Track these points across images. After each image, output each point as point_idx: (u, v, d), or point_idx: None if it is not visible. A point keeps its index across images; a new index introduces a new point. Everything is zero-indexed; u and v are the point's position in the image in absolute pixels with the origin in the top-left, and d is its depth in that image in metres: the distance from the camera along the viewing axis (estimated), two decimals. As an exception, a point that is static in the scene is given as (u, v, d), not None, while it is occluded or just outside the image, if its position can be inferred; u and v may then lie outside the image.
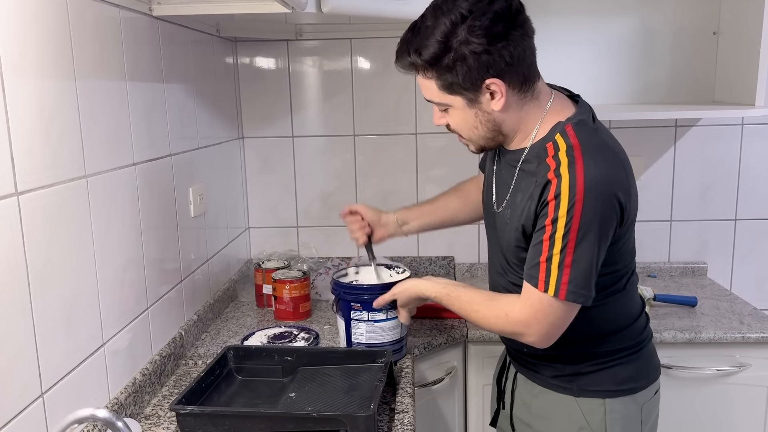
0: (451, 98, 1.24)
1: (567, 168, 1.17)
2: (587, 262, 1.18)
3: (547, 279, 1.19)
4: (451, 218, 1.66)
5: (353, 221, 1.64)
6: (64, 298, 1.12)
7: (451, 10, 1.16)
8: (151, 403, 1.42)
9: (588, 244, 1.16)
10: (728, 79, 2.14)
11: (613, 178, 1.18)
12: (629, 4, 2.21)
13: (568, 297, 1.19)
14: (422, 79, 1.25)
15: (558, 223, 1.16)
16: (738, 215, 2.33)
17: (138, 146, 1.42)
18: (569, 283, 1.18)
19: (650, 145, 2.29)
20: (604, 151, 1.21)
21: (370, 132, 2.32)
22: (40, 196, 1.05)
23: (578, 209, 1.15)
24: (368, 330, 1.54)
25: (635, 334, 1.36)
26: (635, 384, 1.34)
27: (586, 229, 1.16)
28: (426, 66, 1.21)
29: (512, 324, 1.27)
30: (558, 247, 1.17)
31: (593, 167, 1.16)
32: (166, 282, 1.58)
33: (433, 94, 1.25)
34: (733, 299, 2.09)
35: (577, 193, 1.14)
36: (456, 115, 1.27)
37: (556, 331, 1.24)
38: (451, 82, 1.20)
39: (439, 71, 1.20)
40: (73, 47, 1.15)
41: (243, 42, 2.25)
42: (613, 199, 1.17)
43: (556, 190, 1.17)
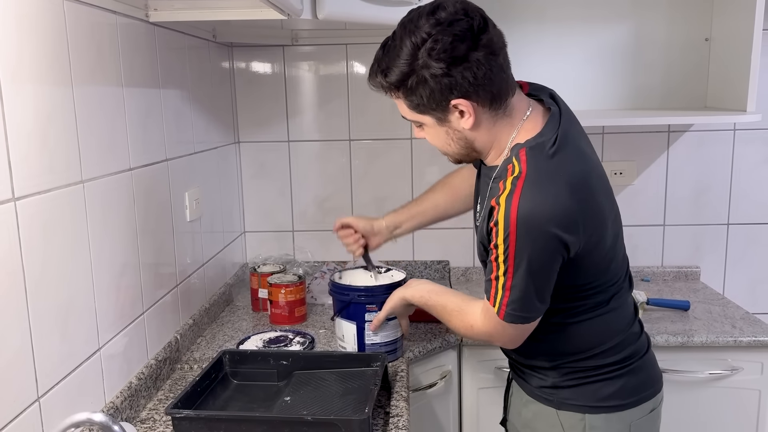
0: (421, 117, 1.25)
1: (505, 198, 1.16)
2: (526, 288, 1.19)
3: (495, 296, 1.23)
4: (442, 215, 1.66)
5: (347, 235, 1.64)
6: (60, 303, 1.12)
7: (414, 31, 1.15)
8: (146, 408, 1.42)
9: (524, 273, 1.18)
10: (720, 86, 2.16)
11: (549, 213, 1.15)
12: (623, 11, 2.23)
13: (506, 318, 1.23)
14: (393, 98, 1.27)
15: (498, 249, 1.18)
16: (730, 220, 2.35)
17: (134, 151, 1.43)
18: (508, 305, 1.21)
19: (643, 151, 2.31)
20: (548, 183, 1.17)
21: (365, 137, 2.33)
22: (37, 202, 1.05)
23: (512, 241, 1.16)
24: (382, 329, 1.57)
25: (619, 352, 1.31)
26: (621, 401, 1.31)
27: (520, 260, 1.17)
28: (392, 87, 1.22)
29: (479, 335, 1.34)
30: (501, 270, 1.20)
31: (529, 201, 1.15)
32: (161, 286, 1.58)
33: (405, 112, 1.27)
34: (726, 303, 2.10)
35: (509, 225, 1.15)
36: (429, 132, 1.29)
37: (516, 339, 1.29)
38: (418, 103, 1.21)
39: (405, 92, 1.21)
40: (70, 53, 1.16)
41: (239, 47, 2.26)
42: (547, 234, 1.15)
43: (495, 218, 1.18)
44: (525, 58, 2.22)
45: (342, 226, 1.65)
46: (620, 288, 1.33)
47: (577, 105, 1.40)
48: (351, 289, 1.58)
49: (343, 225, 1.65)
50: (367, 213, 2.32)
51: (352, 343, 1.59)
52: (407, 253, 2.38)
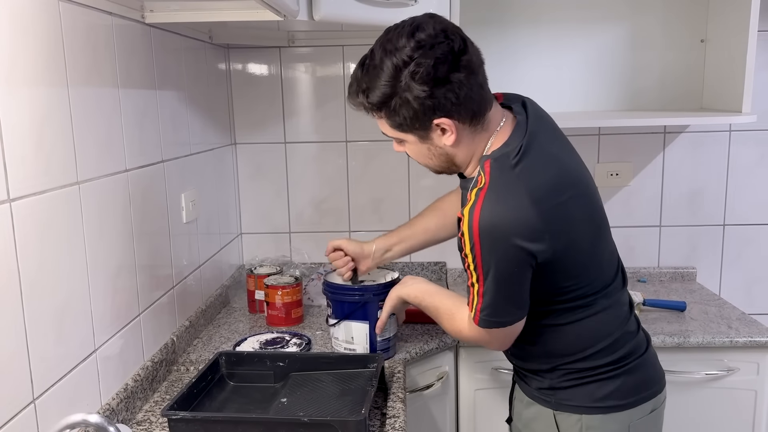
0: (402, 135, 1.27)
1: (469, 209, 1.19)
2: (496, 295, 1.22)
3: (472, 302, 1.27)
4: (433, 238, 1.67)
5: (337, 257, 1.65)
6: (56, 304, 1.12)
7: (394, 52, 1.16)
8: (143, 409, 1.42)
9: (492, 281, 1.21)
10: (716, 86, 2.17)
11: (509, 224, 1.16)
12: (618, 12, 2.23)
13: (481, 324, 1.27)
14: (374, 117, 1.28)
15: (468, 258, 1.22)
16: (726, 221, 2.36)
17: (130, 152, 1.43)
18: (482, 311, 1.25)
19: (639, 152, 2.32)
20: (507, 194, 1.18)
21: (362, 138, 2.33)
22: (32, 203, 1.05)
23: (477, 251, 1.19)
24: (390, 323, 1.62)
25: (614, 351, 1.31)
26: (618, 402, 1.30)
27: (488, 268, 1.20)
28: (374, 108, 1.24)
29: (467, 340, 1.39)
30: (474, 277, 1.24)
31: (489, 212, 1.17)
32: (158, 288, 1.58)
33: (387, 130, 1.29)
34: (722, 304, 2.11)
35: (473, 236, 1.18)
36: (410, 148, 1.31)
37: (502, 342, 1.32)
38: (400, 122, 1.23)
39: (387, 113, 1.23)
40: (65, 54, 1.16)
41: (235, 49, 2.26)
42: (509, 245, 1.17)
43: (462, 228, 1.21)
44: (521, 61, 2.23)
45: (334, 249, 1.66)
46: (610, 287, 1.32)
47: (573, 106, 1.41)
48: (368, 289, 1.60)
49: (335, 248, 1.65)
50: (364, 214, 2.34)
51: (363, 344, 1.61)
52: (404, 254, 2.38)
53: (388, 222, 2.34)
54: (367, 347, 1.61)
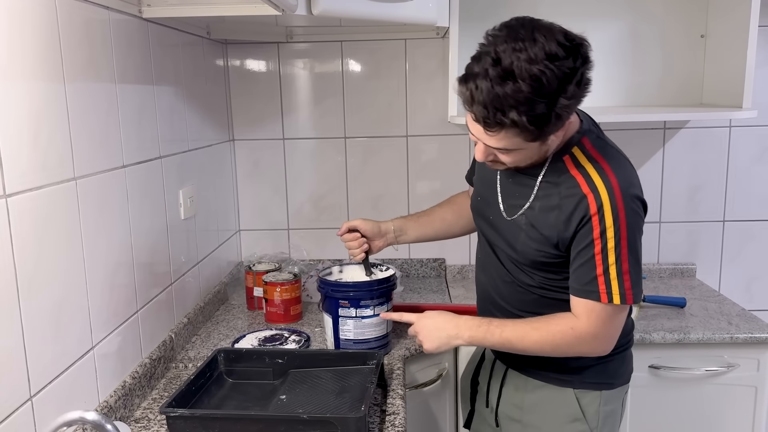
0: (526, 144, 1.17)
1: (601, 180, 1.21)
2: (638, 263, 1.24)
3: (609, 290, 1.23)
4: (447, 229, 1.69)
5: (352, 239, 1.64)
6: (53, 301, 1.11)
7: (550, 65, 1.08)
8: (141, 407, 1.41)
9: (636, 246, 1.23)
10: (716, 82, 2.16)
11: (636, 181, 1.26)
12: (618, 8, 2.22)
13: (635, 300, 1.25)
14: (508, 133, 1.14)
15: (607, 235, 1.21)
16: (726, 217, 2.35)
17: (127, 148, 1.42)
18: (632, 287, 1.24)
19: (639, 147, 2.31)
20: (620, 158, 1.28)
21: (361, 134, 2.32)
22: (28, 199, 1.04)
23: (623, 217, 1.20)
24: (356, 326, 1.57)
25: (629, 330, 1.42)
26: (622, 378, 1.42)
27: (633, 233, 1.22)
28: (528, 127, 1.10)
29: (578, 338, 1.28)
30: (612, 258, 1.22)
31: (622, 175, 1.23)
32: (156, 285, 1.57)
33: (512, 143, 1.17)
34: (722, 300, 2.11)
35: (617, 202, 1.20)
36: (521, 154, 1.21)
37: (618, 333, 1.31)
38: (546, 133, 1.15)
39: (537, 130, 1.12)
40: (62, 49, 1.15)
41: (233, 44, 2.25)
42: (639, 201, 1.24)
43: (596, 203, 1.20)
44: (521, 55, 2.22)
45: (348, 230, 1.64)
46: None
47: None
48: (327, 284, 1.60)
49: (349, 229, 1.64)
50: (363, 211, 2.33)
51: (330, 337, 1.61)
52: (403, 250, 2.37)
53: (386, 218, 2.33)
54: (333, 342, 1.60)
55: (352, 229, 1.64)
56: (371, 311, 1.56)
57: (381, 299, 1.58)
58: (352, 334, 1.57)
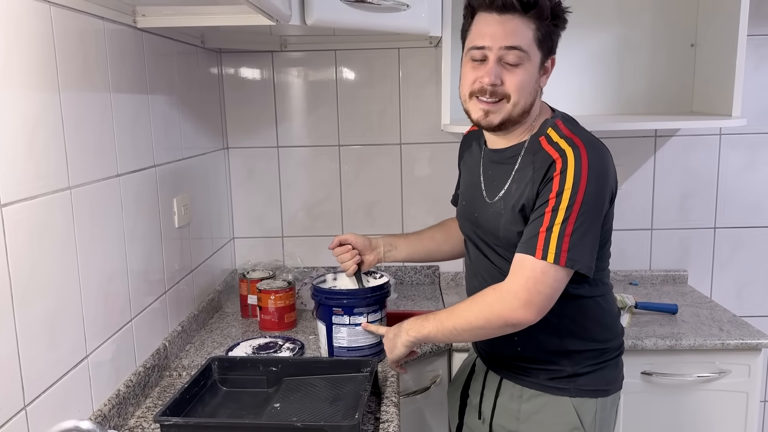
0: (535, 52, 1.30)
1: (571, 149, 1.26)
2: (588, 233, 1.25)
3: (545, 247, 1.23)
4: (437, 249, 1.71)
5: (343, 251, 1.64)
6: (48, 310, 1.11)
7: None
8: (135, 415, 1.41)
9: (589, 216, 1.24)
10: (706, 90, 2.18)
11: (608, 162, 1.29)
12: (609, 17, 2.24)
13: (568, 263, 1.23)
14: (525, 22, 1.28)
15: (563, 195, 1.23)
16: (717, 224, 2.37)
17: (122, 157, 1.42)
18: (569, 250, 1.23)
19: (631, 155, 2.33)
20: (594, 140, 1.32)
21: (354, 142, 2.33)
22: (23, 208, 1.04)
23: (583, 183, 1.22)
24: (349, 334, 1.57)
25: (619, 335, 1.45)
26: (616, 384, 1.44)
27: (590, 203, 1.23)
28: (544, 14, 1.28)
29: (500, 296, 1.27)
30: (560, 217, 1.23)
31: (593, 151, 1.27)
32: (150, 293, 1.58)
33: (525, 40, 1.29)
34: (713, 306, 2.12)
35: (583, 169, 1.23)
36: (526, 71, 1.30)
37: (545, 302, 1.25)
38: (547, 39, 1.30)
39: (547, 25, 1.29)
40: (57, 59, 1.15)
41: (228, 53, 2.26)
42: (608, 185, 1.28)
43: (562, 166, 1.24)
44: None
45: (339, 244, 1.65)
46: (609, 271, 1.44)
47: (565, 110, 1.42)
48: (321, 291, 1.60)
49: (341, 242, 1.65)
50: (357, 218, 2.34)
51: (324, 344, 1.62)
52: (397, 258, 2.38)
53: (380, 226, 2.35)
54: (326, 349, 1.61)
55: (344, 243, 1.65)
56: (365, 319, 1.57)
57: (374, 307, 1.58)
58: (345, 341, 1.58)
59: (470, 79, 1.33)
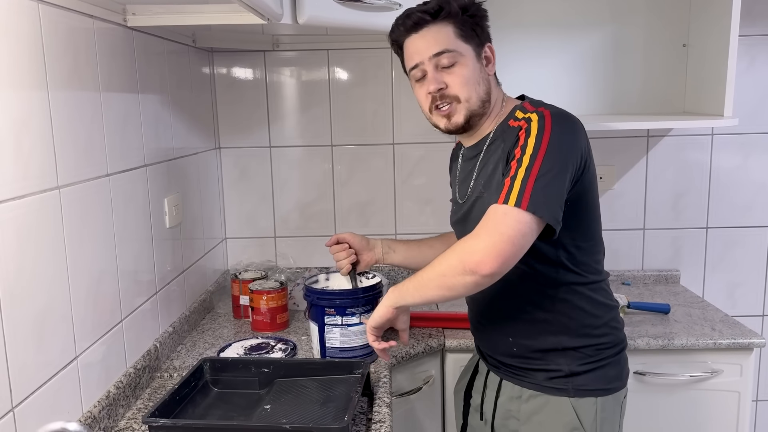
0: (464, 46, 1.34)
1: (536, 115, 1.29)
2: (554, 183, 1.21)
3: (508, 193, 1.20)
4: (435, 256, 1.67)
5: (339, 250, 1.65)
6: (36, 311, 1.10)
7: None
8: (125, 417, 1.40)
9: (553, 165, 1.22)
10: (698, 91, 2.19)
11: (575, 123, 1.30)
12: (601, 17, 2.25)
13: (530, 208, 1.18)
14: (440, 25, 1.33)
15: (526, 147, 1.24)
16: (709, 223, 2.37)
17: (112, 157, 1.41)
18: (532, 196, 1.18)
19: (623, 155, 2.33)
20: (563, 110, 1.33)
21: (348, 142, 2.32)
22: (10, 208, 1.03)
23: (547, 133, 1.24)
24: (342, 334, 1.57)
25: (619, 330, 1.44)
26: (619, 383, 1.42)
27: (553, 151, 1.23)
28: (455, 12, 1.32)
29: (462, 243, 1.23)
30: (524, 166, 1.22)
31: (558, 113, 1.30)
32: (140, 294, 1.57)
33: (448, 40, 1.33)
34: (705, 306, 2.12)
35: (546, 123, 1.25)
36: (464, 67, 1.34)
37: (507, 246, 1.17)
38: (471, 31, 1.34)
39: (464, 19, 1.33)
40: (45, 57, 1.14)
41: (219, 52, 2.25)
42: (574, 136, 1.28)
43: (527, 125, 1.27)
44: (505, 65, 2.22)
45: (337, 242, 1.65)
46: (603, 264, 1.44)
47: (557, 110, 1.44)
48: (313, 292, 1.60)
49: (339, 240, 1.65)
50: (350, 218, 2.34)
51: (316, 345, 1.61)
52: (390, 258, 2.37)
53: (374, 226, 2.34)
54: (318, 350, 1.60)
55: (341, 241, 1.64)
56: (357, 319, 1.56)
57: (367, 307, 1.58)
58: (338, 342, 1.57)
59: (422, 96, 1.39)
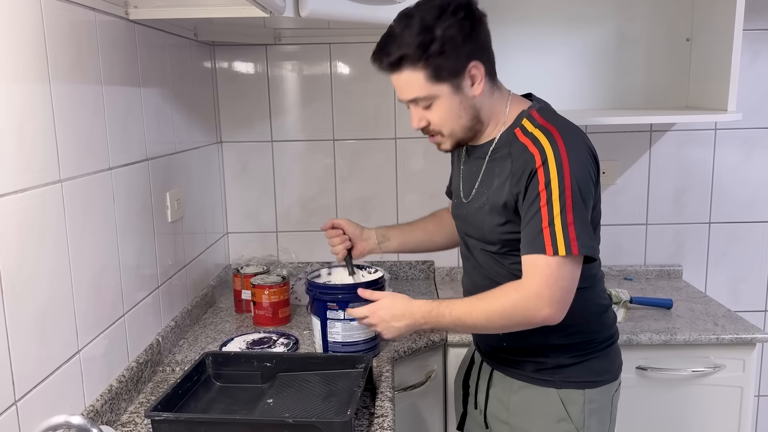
0: (437, 88, 1.28)
1: (546, 138, 1.25)
2: (586, 215, 1.24)
3: (554, 242, 1.22)
4: (429, 239, 1.70)
5: (334, 235, 1.64)
6: (39, 305, 1.10)
7: (424, 8, 1.25)
8: (127, 411, 1.40)
9: (582, 200, 1.23)
10: (701, 85, 2.18)
11: (584, 142, 1.29)
12: (605, 11, 2.24)
13: (581, 250, 1.22)
14: (408, 74, 1.28)
15: (551, 186, 1.22)
16: (712, 218, 2.37)
17: (114, 150, 1.41)
18: (578, 238, 1.22)
19: (626, 150, 2.32)
20: (569, 124, 1.32)
21: (349, 137, 2.32)
22: (13, 201, 1.03)
23: (566, 168, 1.22)
24: (344, 329, 1.57)
25: (609, 326, 1.44)
26: (609, 375, 1.42)
27: (578, 185, 1.23)
28: (416, 56, 1.25)
29: (523, 298, 1.25)
30: (557, 209, 1.22)
31: (567, 133, 1.27)
32: (142, 288, 1.56)
33: (419, 88, 1.28)
34: (708, 301, 2.12)
35: (561, 155, 1.23)
36: (441, 106, 1.31)
37: (568, 296, 1.25)
38: (441, 66, 1.25)
39: (428, 59, 1.25)
40: (47, 50, 1.14)
41: (221, 46, 2.24)
42: (590, 159, 1.28)
43: (541, 158, 1.24)
44: (508, 59, 2.22)
45: (332, 227, 1.65)
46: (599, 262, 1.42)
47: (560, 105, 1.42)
48: (315, 286, 1.60)
49: (333, 225, 1.65)
50: (352, 213, 2.33)
51: (318, 339, 1.61)
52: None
53: (375, 220, 2.33)
54: (321, 344, 1.60)
55: (336, 227, 1.64)
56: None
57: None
58: (340, 336, 1.57)
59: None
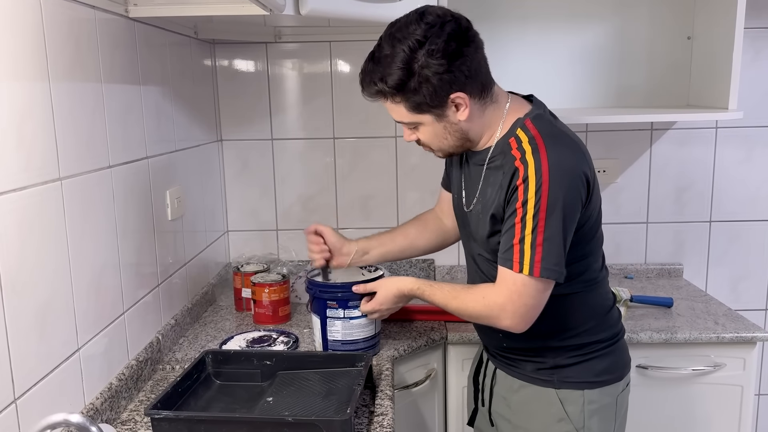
0: (419, 117, 1.31)
1: (531, 154, 1.24)
2: (557, 239, 1.24)
3: (521, 260, 1.24)
4: (411, 245, 1.68)
5: (314, 242, 1.63)
6: (38, 303, 1.10)
7: (406, 37, 1.23)
8: (127, 409, 1.40)
9: (556, 221, 1.23)
10: (702, 84, 2.17)
11: (574, 159, 1.27)
12: (606, 10, 2.23)
13: (543, 274, 1.24)
14: (390, 103, 1.31)
15: (528, 205, 1.23)
16: (713, 217, 2.37)
17: (114, 149, 1.41)
18: (542, 260, 1.24)
19: (626, 149, 2.32)
20: (562, 138, 1.30)
21: (349, 135, 2.32)
22: (12, 199, 1.03)
23: (545, 189, 1.22)
24: (344, 327, 1.57)
25: (611, 326, 1.43)
26: (611, 376, 1.41)
27: (554, 207, 1.22)
28: (393, 92, 1.27)
29: (488, 307, 1.32)
30: (529, 227, 1.23)
31: (555, 151, 1.25)
32: (142, 286, 1.56)
33: (403, 115, 1.32)
34: (708, 300, 2.12)
35: (543, 174, 1.22)
36: (426, 131, 1.34)
37: (531, 312, 1.28)
38: (419, 102, 1.27)
39: (406, 95, 1.27)
40: (47, 48, 1.14)
41: (221, 44, 2.24)
42: (577, 179, 1.25)
43: (524, 175, 1.24)
44: (509, 57, 2.23)
45: (316, 233, 1.64)
46: (605, 263, 1.44)
47: (561, 103, 1.43)
48: (316, 285, 1.60)
49: (316, 231, 1.64)
50: (352, 212, 2.33)
51: (318, 338, 1.61)
52: (392, 251, 2.37)
53: (375, 219, 2.34)
54: (321, 343, 1.60)
55: (318, 233, 1.63)
56: (359, 312, 1.56)
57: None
58: (340, 334, 1.57)
59: None
